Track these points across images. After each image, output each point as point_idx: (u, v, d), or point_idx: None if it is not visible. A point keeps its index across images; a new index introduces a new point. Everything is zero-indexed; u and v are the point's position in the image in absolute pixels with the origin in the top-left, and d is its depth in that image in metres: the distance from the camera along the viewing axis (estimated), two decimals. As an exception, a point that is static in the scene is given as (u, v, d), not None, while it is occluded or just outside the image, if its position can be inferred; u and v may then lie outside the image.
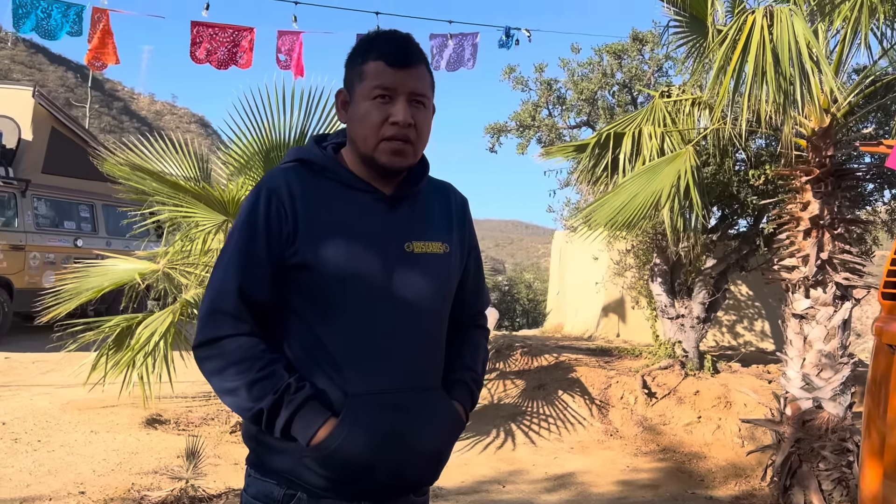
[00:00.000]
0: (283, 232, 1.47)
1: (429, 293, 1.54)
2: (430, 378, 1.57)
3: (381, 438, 1.45)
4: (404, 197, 1.57)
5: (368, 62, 1.50)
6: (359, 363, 1.47)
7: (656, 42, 8.40)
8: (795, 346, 4.97)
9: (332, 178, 1.54)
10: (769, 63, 4.18)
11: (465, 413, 1.64)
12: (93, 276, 5.52)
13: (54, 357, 7.60)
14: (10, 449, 4.82)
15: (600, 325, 10.95)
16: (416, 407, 1.50)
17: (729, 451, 6.15)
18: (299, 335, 1.50)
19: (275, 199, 1.48)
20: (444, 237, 1.60)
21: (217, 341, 1.46)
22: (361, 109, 1.50)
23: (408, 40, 1.54)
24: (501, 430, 6.22)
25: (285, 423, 1.42)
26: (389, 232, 1.52)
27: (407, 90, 1.49)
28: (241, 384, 1.43)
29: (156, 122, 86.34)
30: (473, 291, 1.74)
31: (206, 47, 8.39)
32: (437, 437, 1.54)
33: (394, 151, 1.49)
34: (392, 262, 1.50)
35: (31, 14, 8.04)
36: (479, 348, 1.74)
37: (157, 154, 5.60)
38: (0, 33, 71.79)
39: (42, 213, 9.98)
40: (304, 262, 1.46)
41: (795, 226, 5.04)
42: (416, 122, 1.50)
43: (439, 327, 1.61)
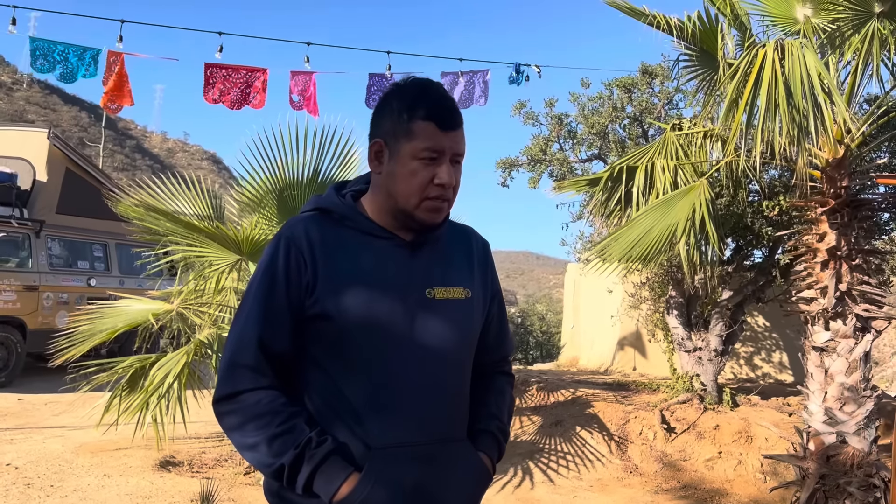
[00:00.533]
0: (303, 281, 1.46)
1: (452, 340, 1.52)
2: (455, 429, 1.54)
3: (406, 494, 1.42)
4: (424, 243, 1.56)
5: (417, 121, 1.49)
6: (381, 415, 1.44)
7: (666, 75, 8.44)
8: (817, 380, 4.89)
9: (351, 226, 1.53)
10: (781, 96, 4.18)
11: (492, 465, 1.60)
12: (107, 317, 5.52)
13: (67, 398, 7.58)
14: (23, 494, 4.77)
15: (616, 358, 10.84)
16: (441, 460, 1.47)
17: (751, 488, 6.03)
18: (320, 386, 1.48)
19: (294, 249, 1.48)
20: (465, 282, 1.59)
21: (236, 396, 1.45)
22: (407, 168, 1.49)
23: (452, 100, 1.56)
24: (519, 468, 6.12)
25: (307, 478, 1.40)
26: (410, 279, 1.51)
27: (451, 152, 1.51)
28: (262, 439, 1.41)
29: (168, 160, 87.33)
30: (497, 337, 1.71)
31: (220, 88, 8.50)
32: (463, 491, 1.51)
33: (434, 209, 1.51)
34: (413, 310, 1.49)
35: (49, 56, 8.18)
36: (505, 395, 1.71)
37: (171, 194, 5.63)
38: (16, 75, 73.16)
39: (56, 254, 10.05)
40: (324, 312, 1.45)
41: (812, 257, 4.99)
42: (455, 181, 1.53)
43: (463, 375, 1.58)
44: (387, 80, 9.19)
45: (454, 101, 1.57)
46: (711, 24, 4.89)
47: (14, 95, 75.72)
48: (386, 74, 9.19)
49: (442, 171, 1.49)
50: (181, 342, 5.50)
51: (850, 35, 4.66)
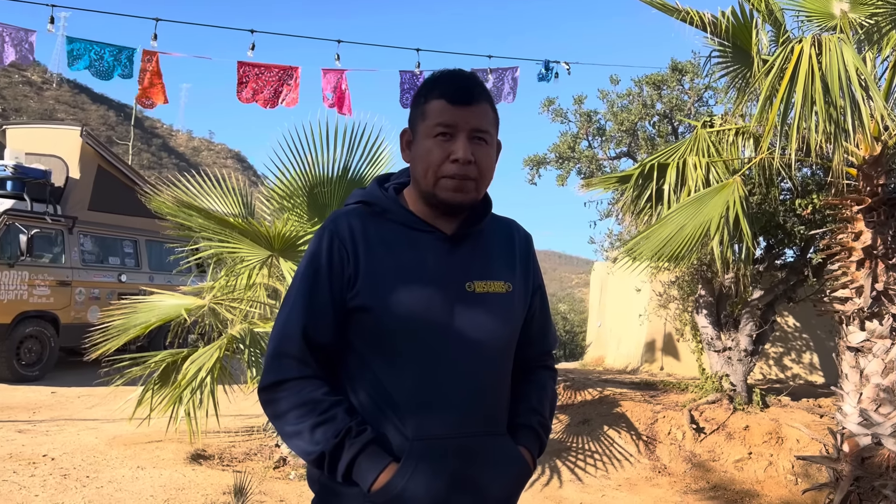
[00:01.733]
0: (345, 274, 1.48)
1: (492, 333, 1.52)
2: (495, 422, 1.54)
3: (444, 485, 1.42)
4: (466, 236, 1.55)
5: (431, 101, 1.51)
6: (420, 407, 1.45)
7: (696, 72, 8.35)
8: (851, 381, 4.82)
9: (393, 219, 1.54)
10: (818, 92, 4.12)
11: (532, 459, 1.59)
12: (140, 312, 5.59)
13: (100, 391, 7.69)
14: (60, 485, 4.85)
15: (643, 358, 10.77)
16: (480, 453, 1.47)
17: (782, 489, 5.96)
18: (361, 378, 1.49)
19: (337, 242, 1.50)
20: (506, 276, 1.58)
21: (281, 384, 1.47)
22: (423, 147, 1.50)
23: (469, 78, 1.54)
24: (547, 466, 6.10)
25: (346, 466, 1.41)
26: (450, 272, 1.51)
27: (468, 127, 1.48)
28: (304, 428, 1.43)
29: (193, 158, 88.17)
30: (540, 331, 1.70)
31: (253, 87, 8.57)
32: (503, 484, 1.50)
33: (455, 188, 1.48)
34: (453, 303, 1.49)
35: (85, 56, 8.31)
36: (547, 390, 1.70)
37: (202, 191, 5.69)
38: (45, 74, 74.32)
39: (88, 250, 10.20)
40: (365, 305, 1.46)
41: (847, 256, 4.92)
42: (478, 158, 1.49)
43: (504, 369, 1.57)
44: (417, 78, 9.20)
45: (474, 79, 1.54)
46: (746, 20, 4.84)
47: (44, 94, 76.94)
48: (416, 72, 9.21)
49: (456, 147, 1.47)
50: (212, 337, 5.55)
51: (889, 30, 4.59)
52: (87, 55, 8.31)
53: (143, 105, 8.89)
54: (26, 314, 9.08)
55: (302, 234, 5.30)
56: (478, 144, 1.50)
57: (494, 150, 1.56)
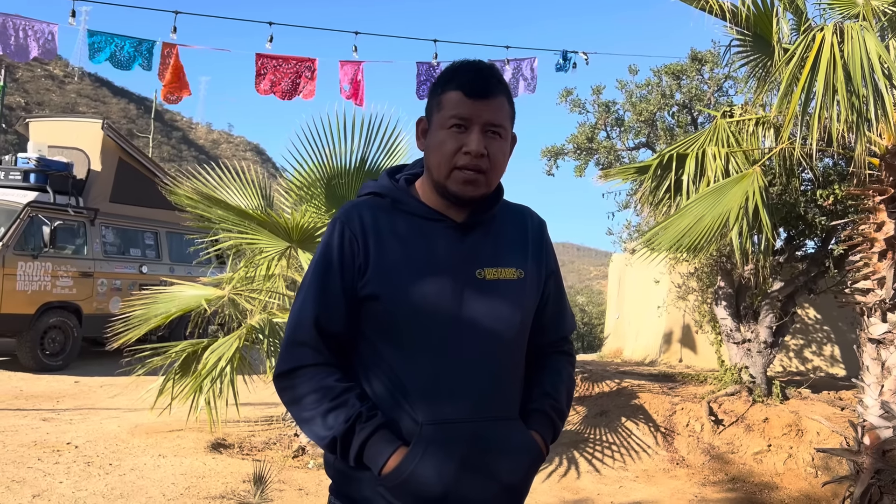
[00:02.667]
0: (356, 264, 1.50)
1: (503, 320, 1.53)
2: (506, 408, 1.54)
3: (453, 469, 1.44)
4: (476, 224, 1.57)
5: (447, 92, 1.52)
6: (431, 392, 1.47)
7: (716, 62, 8.27)
8: (873, 373, 4.77)
9: (403, 209, 1.56)
10: (840, 80, 4.07)
11: (545, 444, 1.59)
12: (161, 303, 5.65)
13: (122, 381, 7.80)
14: (84, 472, 4.93)
15: (661, 349, 10.73)
16: (490, 437, 1.48)
17: (802, 482, 5.92)
18: (373, 365, 1.51)
19: (348, 232, 1.52)
20: (518, 263, 1.58)
21: (295, 371, 1.50)
22: (437, 138, 1.51)
23: (487, 71, 1.54)
24: (564, 457, 6.11)
25: (357, 450, 1.44)
26: (460, 260, 1.52)
27: (482, 121, 1.49)
28: (317, 413, 1.47)
29: (213, 151, 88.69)
30: (554, 317, 1.70)
31: (271, 79, 8.61)
32: (513, 469, 1.51)
33: (466, 181, 1.49)
34: (463, 290, 1.50)
35: (106, 48, 8.39)
36: (562, 374, 1.69)
37: (222, 183, 5.74)
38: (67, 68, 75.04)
39: (109, 241, 10.32)
40: (375, 294, 1.48)
41: (869, 247, 4.86)
42: (491, 152, 1.50)
43: (515, 355, 1.58)
44: (434, 69, 9.19)
45: (492, 71, 1.55)
46: (766, 8, 4.78)
47: (66, 88, 77.71)
48: (433, 63, 9.20)
49: (470, 140, 1.48)
50: (232, 327, 5.61)
51: (913, 18, 4.51)
52: (108, 48, 8.38)
53: (169, 101, 8.96)
54: (50, 305, 9.21)
55: (320, 225, 5.33)
56: (491, 138, 1.51)
57: (508, 144, 1.57)
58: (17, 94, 65.58)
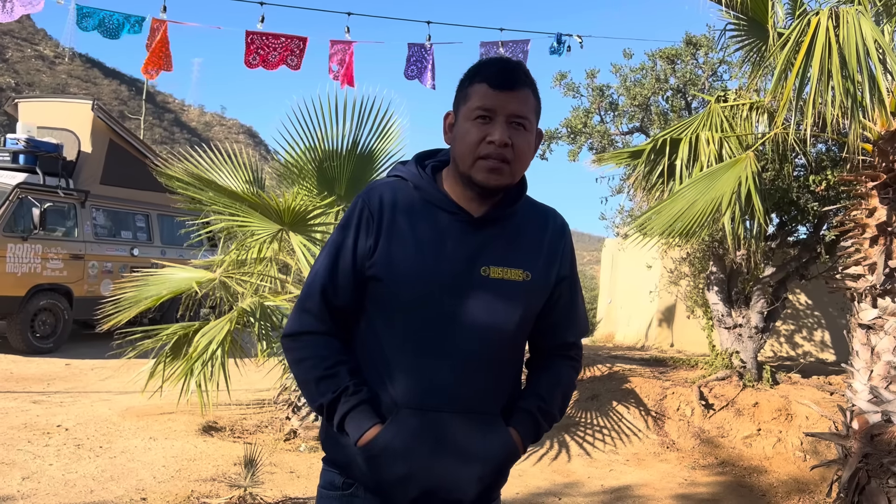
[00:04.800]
0: (368, 244, 1.56)
1: (498, 320, 1.55)
2: (488, 403, 1.58)
3: (423, 454, 1.50)
4: (492, 220, 1.58)
5: (474, 84, 1.55)
6: (414, 377, 1.52)
7: (710, 46, 8.23)
8: (862, 358, 4.80)
9: (423, 196, 1.59)
10: (835, 65, 4.06)
11: (522, 442, 1.60)
12: (151, 285, 5.62)
13: (113, 363, 7.78)
14: (74, 454, 4.93)
15: (653, 334, 10.77)
16: (464, 428, 1.53)
17: (791, 466, 5.97)
18: (367, 340, 1.59)
19: (367, 210, 1.58)
20: (527, 265, 1.59)
21: (299, 335, 1.60)
22: (462, 129, 1.55)
23: (514, 65, 1.58)
24: (555, 441, 6.14)
25: (340, 420, 1.54)
26: (467, 255, 1.55)
27: (507, 112, 1.52)
28: (311, 378, 1.57)
29: (205, 134, 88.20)
30: (561, 322, 1.70)
31: (259, 52, 8.57)
32: (481, 461, 1.54)
33: (490, 169, 1.52)
34: (464, 285, 1.53)
35: (94, 16, 8.32)
36: (560, 379, 1.69)
37: (214, 165, 5.69)
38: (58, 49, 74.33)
39: (100, 224, 10.26)
40: (378, 275, 1.54)
41: (861, 233, 4.87)
42: (515, 143, 1.52)
43: (507, 354, 1.60)
44: (426, 51, 9.13)
45: (519, 66, 1.58)
46: (762, -8, 4.76)
47: (56, 69, 77.01)
48: (426, 45, 9.13)
49: (494, 130, 1.51)
50: (223, 310, 5.59)
51: (909, 2, 4.50)
52: (95, 16, 8.33)
53: (148, 77, 8.88)
54: (40, 287, 9.17)
55: (311, 208, 5.30)
56: (516, 129, 1.53)
57: (533, 137, 1.59)
58: (7, 75, 64.98)
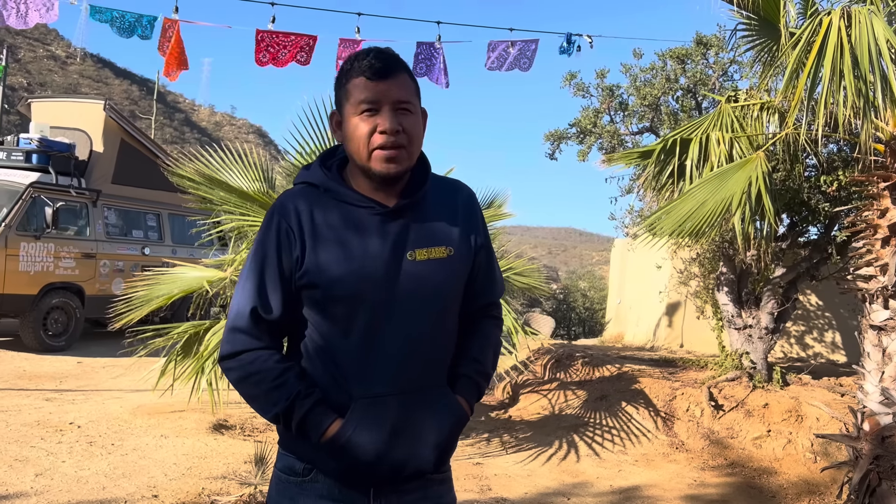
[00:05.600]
0: (293, 255, 1.59)
1: (432, 298, 1.63)
2: (434, 376, 1.66)
3: (385, 436, 1.58)
4: (406, 207, 1.63)
5: (351, 79, 1.60)
6: (363, 371, 1.59)
7: (721, 46, 8.20)
8: (873, 359, 4.78)
9: (335, 197, 1.63)
10: (847, 65, 4.04)
11: (469, 406, 1.72)
12: (163, 284, 5.66)
13: (124, 362, 7.83)
14: (87, 452, 4.96)
15: (663, 335, 10.75)
16: (417, 406, 1.62)
17: (801, 467, 5.95)
18: (312, 345, 1.64)
19: (284, 225, 1.61)
20: (447, 241, 1.66)
21: (235, 356, 1.62)
22: (351, 125, 1.59)
23: (385, 52, 1.62)
24: (564, 441, 6.14)
25: (298, 424, 1.58)
26: (391, 244, 1.60)
27: (390, 100, 1.57)
28: (260, 392, 1.61)
29: (215, 133, 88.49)
30: (483, 284, 1.79)
31: (269, 50, 8.62)
32: (438, 430, 1.63)
33: (387, 158, 1.57)
34: (394, 272, 1.59)
35: (107, 13, 8.39)
36: (489, 338, 1.81)
37: (225, 165, 5.72)
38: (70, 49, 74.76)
39: (112, 223, 10.32)
40: (312, 283, 1.59)
41: (873, 234, 4.85)
42: (405, 127, 1.58)
43: (444, 329, 1.69)
44: (435, 49, 9.15)
45: (389, 52, 1.62)
46: (773, -8, 4.74)
47: (68, 69, 77.46)
48: (436, 45, 9.14)
49: (383, 119, 1.56)
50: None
51: (922, 2, 4.47)
52: (107, 13, 8.40)
53: (169, 79, 8.95)
54: (52, 286, 9.23)
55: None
56: (403, 114, 1.58)
57: (420, 118, 1.64)
58: (20, 75, 65.38)
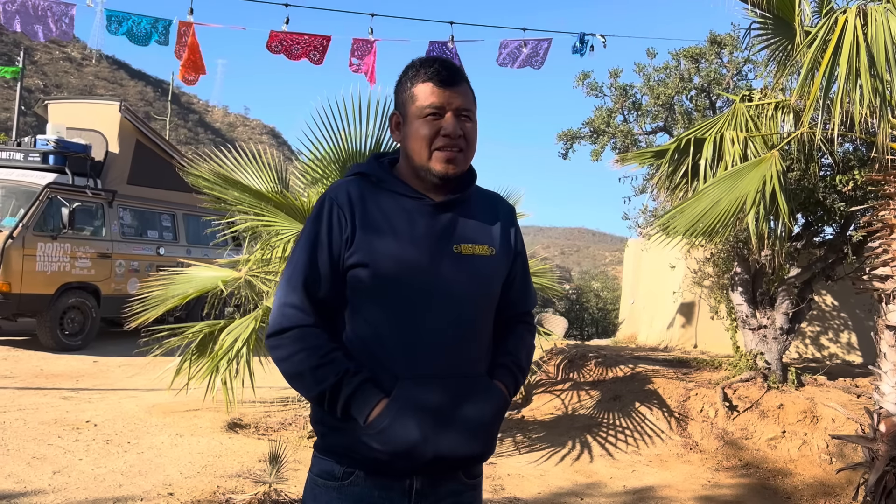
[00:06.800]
0: (343, 236, 1.66)
1: (475, 288, 1.70)
2: (475, 366, 1.71)
3: (428, 418, 1.59)
4: (453, 204, 1.73)
5: (418, 84, 1.70)
6: (408, 350, 1.62)
7: (735, 45, 8.16)
8: (890, 360, 4.73)
9: (387, 188, 1.72)
10: (863, 64, 4.02)
11: (508, 392, 1.75)
12: (178, 284, 5.70)
13: (139, 361, 7.89)
14: (103, 450, 5.01)
15: (676, 335, 10.70)
16: (460, 389, 1.65)
17: (816, 468, 5.90)
18: (357, 327, 1.66)
19: (336, 208, 1.68)
20: (490, 241, 1.76)
21: (285, 332, 1.64)
22: (414, 126, 1.69)
23: (450, 62, 1.73)
24: (577, 441, 6.13)
25: (345, 402, 1.59)
26: (438, 235, 1.68)
27: (454, 106, 1.68)
28: (306, 369, 1.62)
29: (229, 134, 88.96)
30: (519, 293, 1.88)
31: (283, 42, 8.69)
32: (480, 412, 1.67)
33: (447, 160, 1.67)
34: (440, 261, 1.66)
35: (124, 23, 8.46)
36: (523, 339, 1.87)
37: (239, 165, 5.75)
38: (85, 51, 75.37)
39: (127, 223, 10.41)
40: (361, 262, 1.63)
41: (889, 233, 4.81)
42: (465, 133, 1.69)
43: (484, 320, 1.75)
44: (447, 49, 9.15)
45: (454, 63, 1.74)
46: (788, -10, 4.72)
47: (84, 70, 78.11)
48: (448, 44, 9.15)
49: (446, 123, 1.66)
50: (248, 309, 5.64)
51: (938, 0, 4.43)
52: (125, 23, 8.47)
53: (186, 82, 9.01)
54: (69, 285, 9.32)
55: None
56: (463, 121, 1.69)
57: (476, 127, 1.75)
58: (36, 77, 65.97)
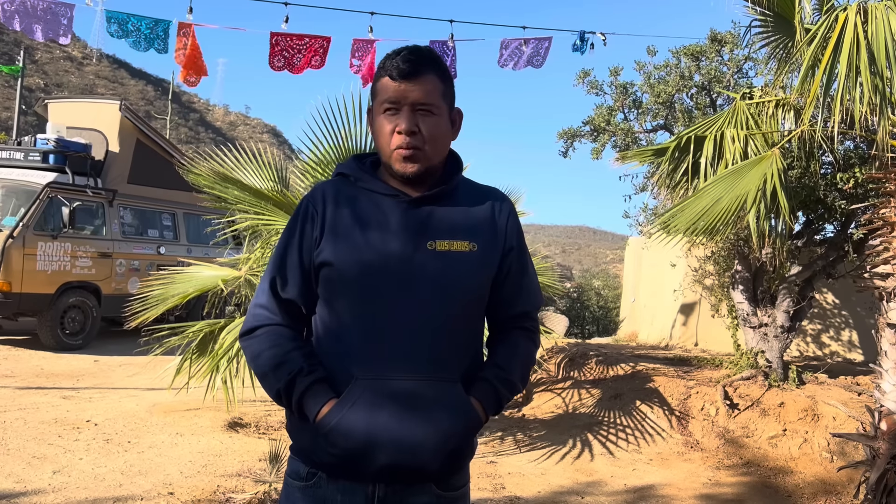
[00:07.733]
0: (314, 234, 1.64)
1: (450, 289, 1.61)
2: (446, 370, 1.60)
3: (381, 421, 1.52)
4: (430, 198, 1.65)
5: (379, 79, 1.65)
6: (366, 350, 1.58)
7: (736, 43, 8.15)
8: (891, 358, 4.73)
9: (363, 186, 1.68)
10: (864, 61, 4.02)
11: (484, 410, 1.64)
12: (178, 283, 5.71)
13: (140, 360, 7.90)
14: (103, 449, 5.01)
15: (677, 333, 10.70)
16: (422, 396, 1.56)
17: (817, 467, 5.90)
18: (324, 325, 1.65)
19: (311, 206, 1.68)
20: (471, 236, 1.65)
21: (254, 331, 1.66)
22: (377, 123, 1.65)
23: (414, 53, 1.63)
24: (578, 440, 6.13)
25: (297, 402, 1.58)
26: (412, 231, 1.62)
27: (409, 101, 1.60)
28: (268, 368, 1.61)
29: (230, 133, 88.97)
30: (513, 292, 1.76)
31: (284, 55, 8.65)
32: (441, 427, 1.56)
33: (404, 158, 1.61)
34: (411, 258, 1.59)
35: (123, 26, 8.45)
36: (517, 348, 1.75)
37: (239, 164, 5.75)
38: (86, 50, 75.38)
39: (127, 222, 10.41)
40: (326, 261, 1.61)
41: (890, 231, 4.80)
42: (423, 129, 1.61)
43: (460, 321, 1.64)
44: (448, 48, 9.15)
45: (420, 53, 1.63)
46: (788, -12, 4.71)
47: (84, 70, 78.13)
48: (448, 43, 9.15)
49: (401, 120, 1.60)
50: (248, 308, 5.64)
51: (939, -3, 4.42)
52: (124, 25, 8.46)
53: (188, 84, 9.00)
54: (69, 285, 9.32)
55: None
56: (422, 115, 1.61)
57: (445, 119, 1.66)
58: (36, 76, 65.98)
